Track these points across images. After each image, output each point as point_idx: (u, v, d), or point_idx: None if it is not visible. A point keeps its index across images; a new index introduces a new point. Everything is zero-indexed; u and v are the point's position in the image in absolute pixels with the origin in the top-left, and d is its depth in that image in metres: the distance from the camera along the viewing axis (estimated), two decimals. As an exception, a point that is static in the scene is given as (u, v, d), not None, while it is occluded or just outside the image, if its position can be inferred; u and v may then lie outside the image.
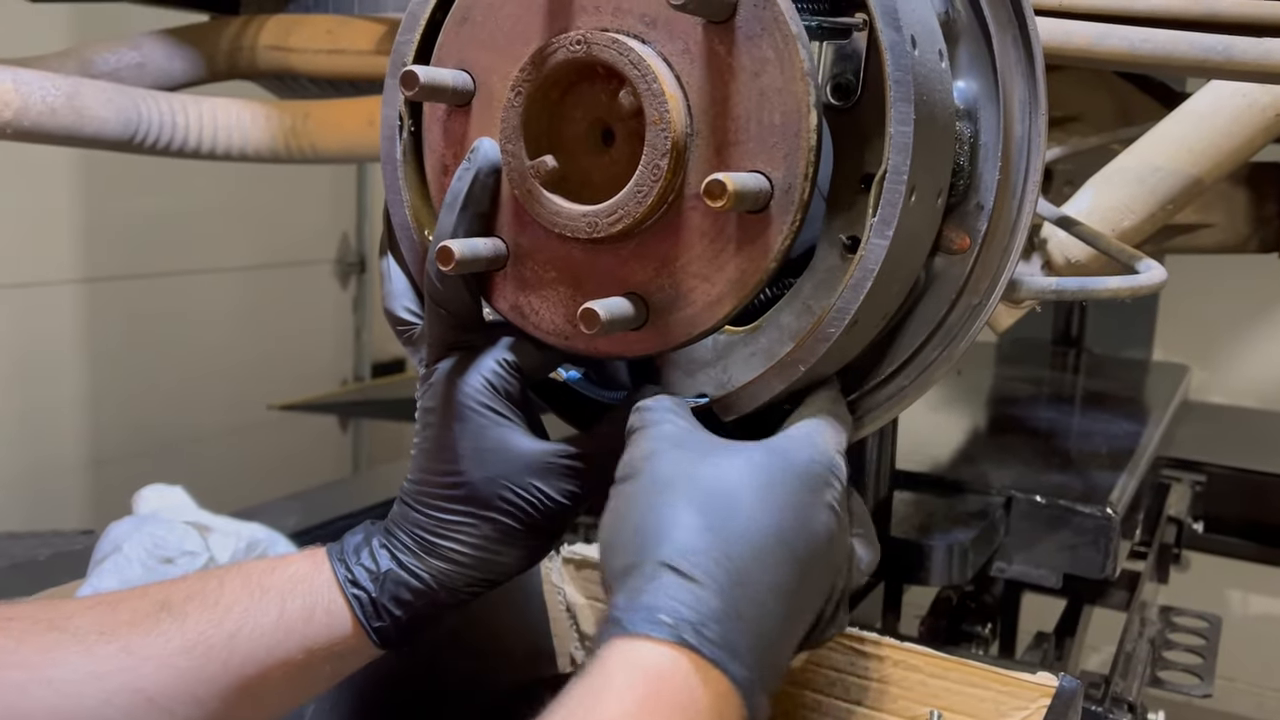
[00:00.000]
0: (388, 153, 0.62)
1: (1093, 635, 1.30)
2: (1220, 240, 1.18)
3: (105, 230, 2.29)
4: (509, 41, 0.57)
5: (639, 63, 0.52)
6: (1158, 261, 0.74)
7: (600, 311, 0.53)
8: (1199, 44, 0.64)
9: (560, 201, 0.56)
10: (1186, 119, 0.88)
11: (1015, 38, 0.57)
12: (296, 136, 1.18)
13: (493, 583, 0.60)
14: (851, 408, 0.63)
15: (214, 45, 1.26)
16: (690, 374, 0.61)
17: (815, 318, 0.56)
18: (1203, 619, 1.28)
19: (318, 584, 0.59)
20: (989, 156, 0.58)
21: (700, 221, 0.54)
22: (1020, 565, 1.00)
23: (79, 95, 1.03)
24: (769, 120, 0.52)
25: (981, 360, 1.72)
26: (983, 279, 0.60)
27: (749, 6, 0.51)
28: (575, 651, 0.93)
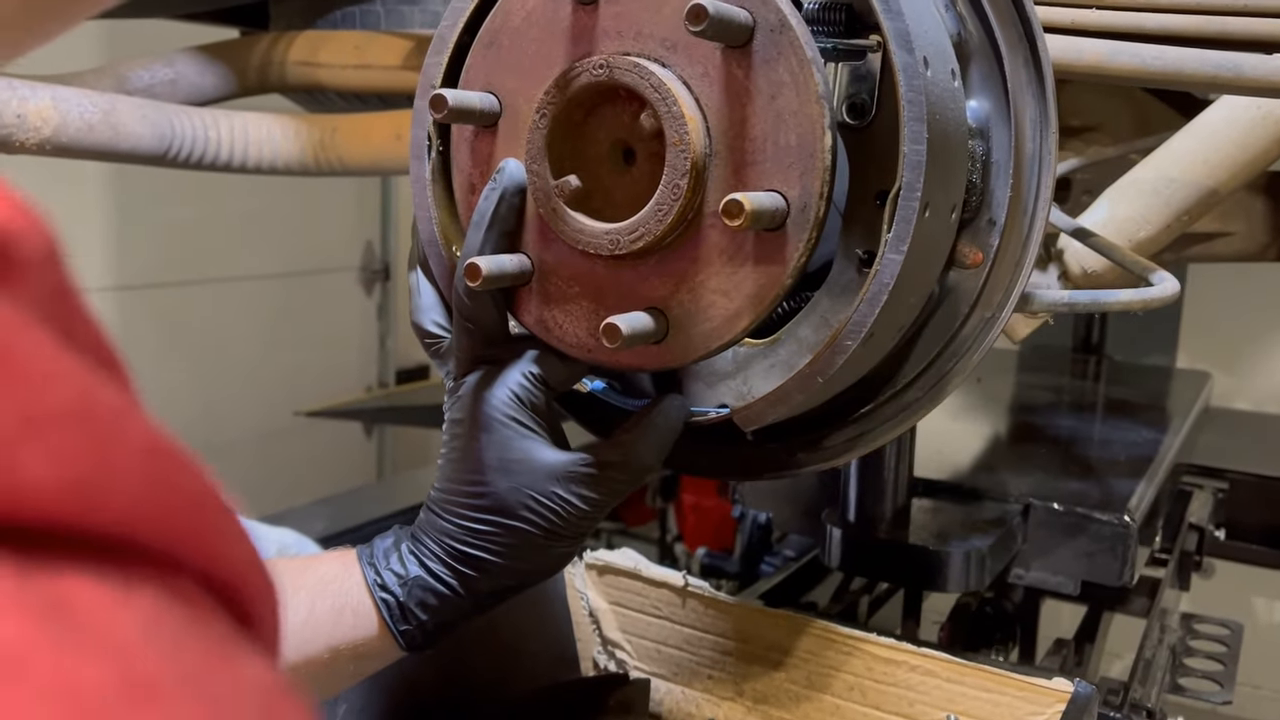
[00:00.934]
0: (416, 172, 0.64)
1: (1114, 642, 1.31)
2: (1239, 249, 1.19)
3: (136, 239, 2.33)
4: (534, 65, 0.59)
5: (659, 86, 0.54)
6: (1177, 270, 0.75)
7: (622, 326, 0.55)
8: (1209, 61, 0.65)
9: (583, 219, 0.58)
10: (1201, 131, 0.89)
11: (1026, 58, 0.59)
12: (325, 150, 1.21)
13: (517, 589, 0.62)
14: (867, 418, 0.65)
15: (245, 61, 1.29)
16: (711, 385, 0.63)
17: (833, 331, 0.58)
18: (1224, 626, 1.28)
19: (347, 586, 0.62)
20: (1001, 174, 0.60)
21: (719, 239, 0.56)
22: (1038, 572, 1.01)
23: (115, 112, 1.06)
24: (785, 141, 0.53)
25: (1002, 367, 1.73)
26: (996, 292, 0.61)
27: (765, 31, 0.53)
28: (598, 656, 0.95)
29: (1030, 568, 1.02)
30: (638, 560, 0.94)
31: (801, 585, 1.15)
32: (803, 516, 1.15)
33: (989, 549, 0.93)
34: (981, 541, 0.93)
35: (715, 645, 0.89)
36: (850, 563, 0.98)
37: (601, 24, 0.57)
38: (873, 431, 0.65)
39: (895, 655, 0.82)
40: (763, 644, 0.87)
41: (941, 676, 0.80)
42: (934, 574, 0.92)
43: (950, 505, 1.02)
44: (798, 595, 1.14)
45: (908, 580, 0.99)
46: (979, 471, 1.14)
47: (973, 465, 1.16)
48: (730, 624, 0.89)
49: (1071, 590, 1.00)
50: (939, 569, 0.91)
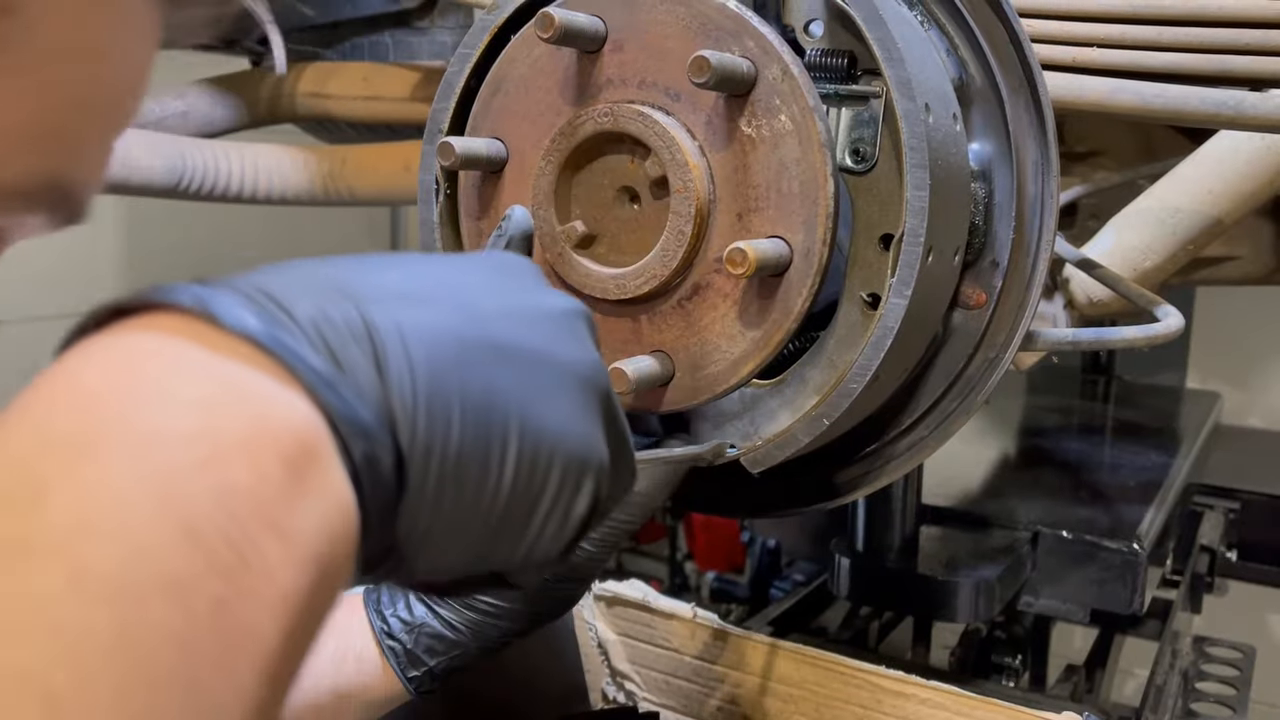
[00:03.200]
0: (424, 216, 0.65)
1: (1127, 659, 1.30)
2: (1247, 272, 1.19)
3: (147, 264, 2.35)
4: (540, 112, 0.60)
5: (663, 134, 0.55)
6: (1185, 289, 0.75)
7: (629, 372, 0.56)
8: (1210, 99, 0.65)
9: (590, 264, 0.59)
10: (1206, 160, 0.89)
11: (1027, 101, 0.59)
12: (334, 180, 1.22)
13: (525, 632, 0.62)
14: (874, 456, 0.65)
15: (255, 92, 1.31)
16: (718, 426, 0.64)
17: (837, 372, 0.58)
18: (1236, 649, 1.28)
19: (350, 632, 0.62)
20: (1003, 216, 0.60)
21: (724, 284, 0.57)
22: (1047, 600, 1.01)
23: (127, 146, 1.07)
24: (788, 189, 0.54)
25: (1011, 389, 1.73)
26: (999, 333, 0.62)
27: (768, 81, 0.54)
28: (607, 687, 0.95)
29: (1040, 595, 1.02)
30: (646, 592, 0.94)
31: (811, 610, 1.15)
32: (811, 543, 1.15)
33: (998, 578, 0.93)
34: (990, 571, 0.93)
35: (724, 677, 0.90)
36: (859, 592, 0.98)
37: (606, 72, 0.57)
38: (879, 470, 0.66)
39: (904, 688, 0.82)
40: (771, 676, 0.87)
41: (950, 710, 0.80)
42: (943, 604, 0.92)
43: (959, 533, 1.02)
44: (807, 621, 1.14)
45: (916, 610, 1.00)
46: (987, 498, 1.14)
47: (981, 491, 1.16)
48: (739, 656, 0.89)
49: (1081, 618, 1.00)
50: (948, 599, 0.91)
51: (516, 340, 0.38)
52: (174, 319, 0.31)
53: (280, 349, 0.31)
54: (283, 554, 0.28)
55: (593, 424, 0.40)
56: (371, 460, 0.32)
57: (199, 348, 0.30)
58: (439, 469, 0.34)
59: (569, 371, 0.40)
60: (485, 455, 0.36)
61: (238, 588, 0.27)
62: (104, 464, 0.27)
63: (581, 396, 0.40)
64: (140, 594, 0.26)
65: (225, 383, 0.30)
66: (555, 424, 0.38)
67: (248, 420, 0.29)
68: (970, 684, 0.84)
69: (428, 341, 0.35)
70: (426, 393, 0.34)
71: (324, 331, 0.33)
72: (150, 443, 0.28)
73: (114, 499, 0.26)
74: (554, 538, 0.39)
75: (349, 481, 0.32)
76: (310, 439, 0.30)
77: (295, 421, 0.30)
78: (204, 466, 0.28)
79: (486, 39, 0.62)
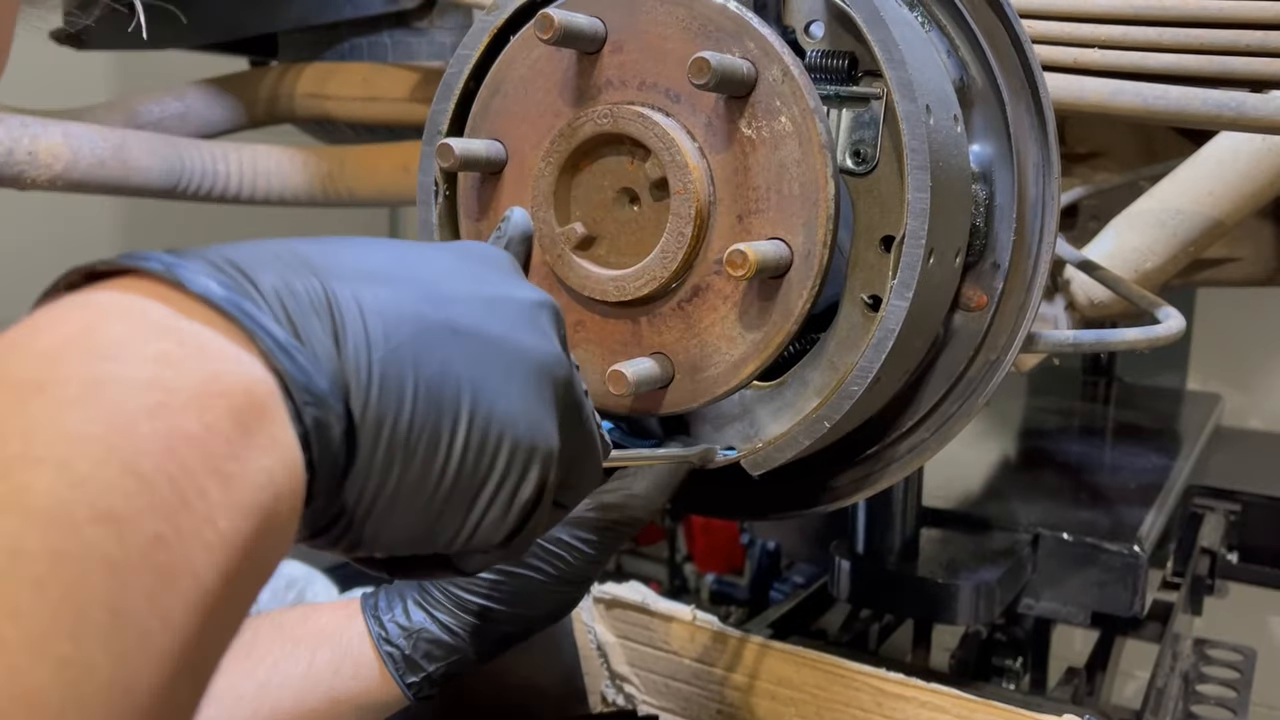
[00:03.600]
0: (423, 217, 0.65)
1: (1127, 662, 1.30)
2: (1248, 273, 1.19)
3: (147, 264, 2.34)
4: (539, 114, 0.59)
5: (663, 136, 0.55)
6: (1186, 290, 0.75)
7: (628, 374, 0.56)
8: (1212, 100, 0.65)
9: (589, 266, 0.59)
10: (1207, 162, 0.89)
11: (1028, 103, 0.59)
12: (333, 181, 1.21)
13: (524, 636, 0.62)
14: (874, 459, 0.65)
15: (254, 93, 1.30)
16: (718, 428, 0.63)
17: (838, 374, 0.58)
18: (1237, 651, 1.27)
19: (347, 637, 0.62)
20: (1004, 218, 0.60)
21: (723, 285, 0.56)
22: (1048, 602, 1.01)
23: (125, 147, 1.07)
24: (788, 190, 0.54)
25: (1012, 390, 1.72)
26: (1000, 335, 0.61)
27: (768, 82, 0.53)
28: (606, 690, 0.95)
29: (1040, 598, 1.01)
30: (645, 594, 0.94)
31: (811, 613, 1.15)
32: (811, 545, 1.15)
33: (998, 581, 0.93)
34: (990, 573, 0.93)
35: (724, 680, 0.89)
36: (859, 595, 0.98)
37: (606, 74, 0.57)
38: (880, 472, 0.65)
39: (904, 691, 0.81)
40: (771, 678, 0.87)
41: (951, 713, 0.80)
42: (943, 607, 0.91)
43: (959, 535, 1.02)
44: (807, 623, 1.14)
45: (917, 613, 0.99)
46: (988, 500, 1.13)
47: (982, 493, 1.16)
48: (739, 658, 0.89)
49: (1082, 621, 1.00)
50: (948, 602, 0.91)
51: (475, 324, 0.39)
52: (142, 282, 0.32)
53: (240, 314, 0.32)
54: (225, 500, 0.29)
55: (545, 412, 0.41)
56: (322, 425, 0.33)
57: (162, 308, 0.31)
58: (389, 440, 0.36)
59: (525, 358, 0.41)
60: (435, 431, 0.37)
61: (176, 526, 0.28)
62: (55, 402, 0.28)
63: (536, 384, 0.41)
64: (76, 521, 0.26)
65: (183, 340, 0.31)
66: (506, 407, 0.39)
67: (202, 375, 0.30)
68: (970, 686, 0.83)
69: (386, 318, 0.36)
70: (381, 366, 0.35)
71: (285, 302, 0.34)
72: (103, 387, 0.28)
73: (59, 433, 0.27)
74: (498, 520, 0.40)
75: (298, 443, 0.33)
76: (262, 398, 0.32)
77: (249, 380, 0.31)
78: (153, 412, 0.29)
79: (486, 40, 0.62)
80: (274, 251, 0.36)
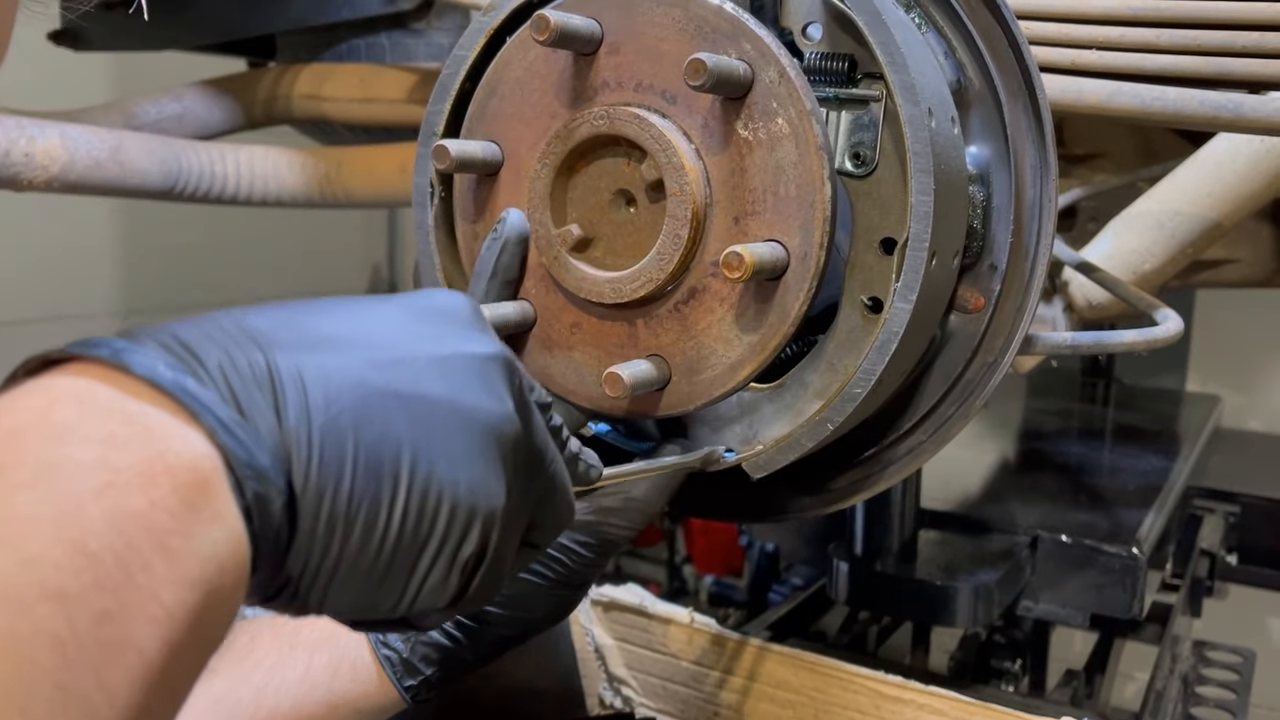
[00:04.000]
0: (420, 219, 0.65)
1: (1126, 664, 1.30)
2: (1246, 275, 1.19)
3: (144, 263, 2.34)
4: (536, 115, 0.59)
5: (659, 137, 0.55)
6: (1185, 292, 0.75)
7: (624, 376, 0.55)
8: (1210, 101, 0.65)
9: (586, 268, 0.58)
10: (1205, 164, 0.89)
11: (1025, 105, 0.59)
12: (331, 183, 1.21)
13: (522, 639, 0.62)
14: (872, 461, 0.65)
15: (251, 94, 1.30)
16: (716, 430, 0.63)
17: (839, 376, 0.58)
18: (1236, 653, 1.27)
19: (345, 641, 0.62)
20: (1001, 219, 0.60)
21: (720, 287, 0.56)
22: (1047, 604, 1.00)
23: (122, 149, 1.06)
24: (785, 192, 0.54)
25: (1011, 392, 1.72)
26: (998, 336, 0.61)
27: (765, 84, 0.53)
28: (604, 692, 0.95)
29: (1039, 600, 1.01)
30: (643, 596, 0.93)
31: (809, 615, 1.15)
32: (810, 547, 1.14)
33: (997, 583, 0.92)
34: (989, 576, 0.92)
35: (721, 682, 0.89)
36: (857, 597, 0.98)
37: (602, 75, 0.57)
38: (878, 474, 0.65)
39: (902, 693, 0.81)
40: (769, 681, 0.87)
41: (949, 715, 0.80)
42: (942, 609, 0.91)
43: (957, 538, 1.02)
44: (806, 625, 1.13)
45: (915, 615, 0.99)
46: (986, 502, 1.13)
47: (980, 495, 1.15)
48: (737, 660, 0.89)
49: (1081, 623, 1.00)
50: (947, 604, 0.91)
51: (418, 387, 0.40)
52: (94, 367, 0.34)
53: (182, 393, 0.34)
54: (170, 574, 0.30)
55: (489, 470, 0.42)
56: (263, 499, 0.34)
57: (111, 391, 0.33)
58: (329, 511, 0.36)
59: (469, 419, 0.41)
60: (375, 499, 0.38)
61: (121, 602, 0.29)
62: (9, 486, 0.29)
63: (480, 443, 0.41)
64: (26, 600, 0.28)
65: (129, 421, 0.32)
66: (446, 470, 0.40)
67: (147, 454, 0.32)
68: (969, 689, 0.83)
69: (328, 387, 0.37)
70: (320, 435, 0.36)
71: (229, 377, 0.35)
72: (54, 472, 0.30)
73: (12, 518, 0.29)
74: (439, 583, 0.41)
75: (241, 517, 0.34)
76: (205, 474, 0.33)
77: (192, 457, 0.33)
78: (101, 492, 0.30)
79: (482, 41, 0.62)
80: (222, 327, 0.37)
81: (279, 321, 0.38)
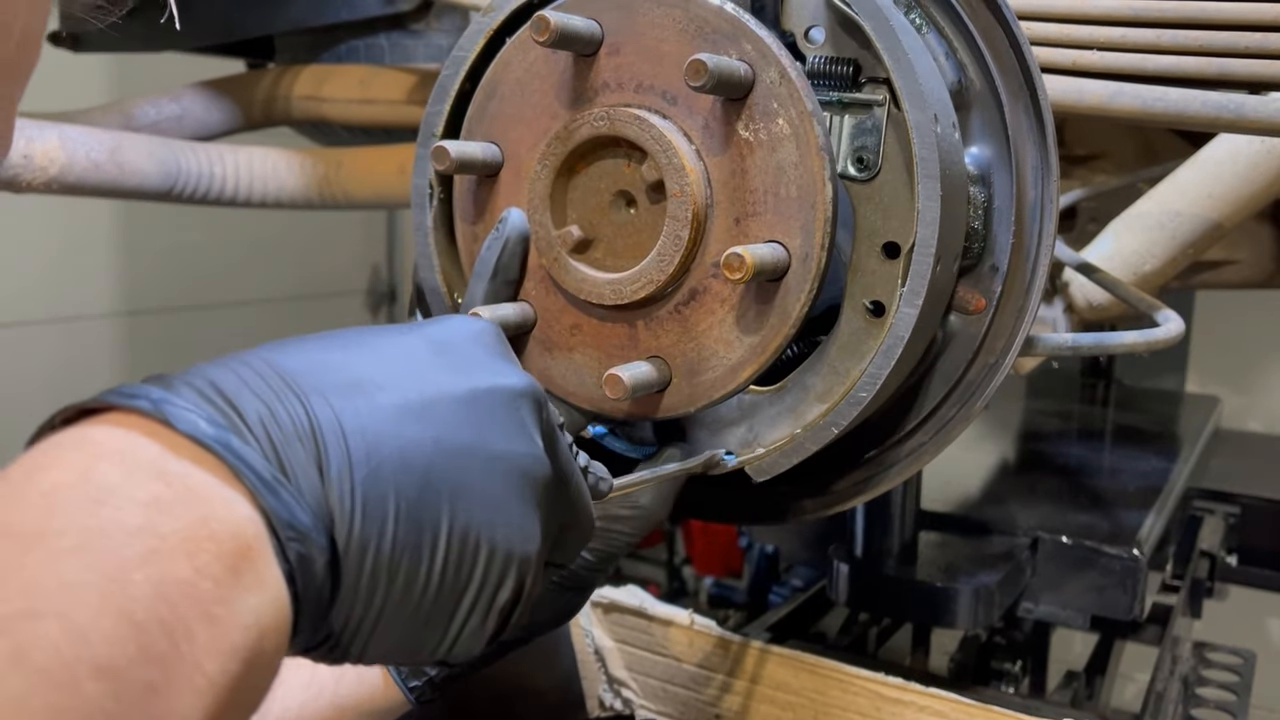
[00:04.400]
0: (419, 220, 0.64)
1: (1127, 665, 1.30)
2: (1246, 276, 1.18)
3: (143, 264, 2.34)
4: (536, 116, 0.59)
5: (659, 138, 0.54)
6: (1189, 291, 0.75)
7: (624, 377, 0.55)
8: (1211, 102, 0.65)
9: (586, 269, 0.58)
10: (1206, 164, 0.88)
11: (1027, 106, 0.58)
12: (330, 184, 1.21)
13: (525, 641, 0.62)
14: (873, 463, 0.65)
15: (250, 96, 1.30)
16: (715, 432, 0.63)
17: (841, 379, 0.58)
18: (1237, 654, 1.27)
19: None
20: (1003, 220, 0.59)
21: (721, 289, 0.56)
22: (1047, 606, 1.00)
23: (121, 150, 1.06)
24: (786, 193, 0.53)
25: (1011, 393, 1.72)
26: (999, 338, 0.61)
27: (765, 84, 0.53)
28: (604, 694, 0.95)
29: (1039, 601, 1.01)
30: (643, 598, 0.93)
31: (810, 616, 1.15)
32: (810, 549, 1.14)
33: (997, 584, 0.92)
34: (989, 577, 0.92)
35: (722, 684, 0.89)
36: (858, 599, 0.97)
37: (602, 76, 0.57)
38: (878, 476, 0.65)
39: (903, 695, 0.81)
40: (769, 683, 0.87)
41: (949, 717, 0.79)
42: (942, 611, 0.91)
43: (958, 539, 1.01)
44: (806, 627, 1.13)
45: (915, 617, 0.99)
46: (987, 503, 1.13)
47: (980, 497, 1.15)
48: (737, 662, 0.89)
49: (1081, 624, 1.00)
50: (947, 606, 0.91)
51: (454, 432, 0.40)
52: (132, 419, 0.33)
53: (227, 454, 0.33)
54: (213, 644, 0.30)
55: (524, 514, 0.42)
56: (306, 560, 0.34)
57: (153, 447, 0.33)
58: (373, 565, 0.37)
59: (504, 463, 0.41)
60: (416, 549, 0.38)
61: (168, 674, 0.29)
62: (54, 554, 0.29)
63: (515, 488, 0.42)
64: (76, 675, 0.27)
65: (173, 483, 0.32)
66: (484, 516, 0.40)
67: (191, 519, 0.31)
68: (970, 690, 0.83)
69: (367, 436, 0.37)
70: (363, 492, 0.36)
71: (270, 430, 0.35)
72: (98, 536, 0.30)
73: (60, 586, 0.28)
74: (478, 628, 0.41)
75: (284, 580, 0.34)
76: (249, 539, 0.33)
77: (236, 522, 0.33)
78: (146, 560, 0.30)
79: (482, 42, 0.61)
80: (258, 372, 0.37)
81: (312, 364, 0.38)
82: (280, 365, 0.37)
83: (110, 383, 1.11)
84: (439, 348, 0.43)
